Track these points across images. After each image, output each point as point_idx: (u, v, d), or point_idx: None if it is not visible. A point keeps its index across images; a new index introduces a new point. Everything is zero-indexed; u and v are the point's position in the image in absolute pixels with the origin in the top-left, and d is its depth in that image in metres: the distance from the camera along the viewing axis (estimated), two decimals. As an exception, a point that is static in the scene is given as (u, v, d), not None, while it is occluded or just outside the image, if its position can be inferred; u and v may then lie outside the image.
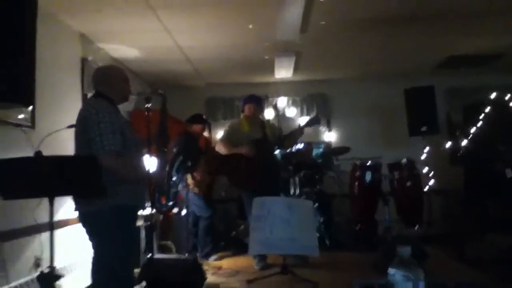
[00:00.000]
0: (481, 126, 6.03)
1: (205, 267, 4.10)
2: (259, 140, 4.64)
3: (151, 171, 2.88)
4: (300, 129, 4.75)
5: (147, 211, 2.96)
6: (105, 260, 2.63)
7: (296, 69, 6.45)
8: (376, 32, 5.09)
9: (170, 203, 2.92)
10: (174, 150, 4.60)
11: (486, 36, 5.41)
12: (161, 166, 2.88)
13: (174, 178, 2.97)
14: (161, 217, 5.00)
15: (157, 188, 2.76)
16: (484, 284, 3.91)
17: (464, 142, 6.22)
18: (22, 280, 3.38)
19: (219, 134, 7.35)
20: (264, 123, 4.84)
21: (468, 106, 6.70)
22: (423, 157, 6.39)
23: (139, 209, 2.83)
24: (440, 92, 6.77)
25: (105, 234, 2.61)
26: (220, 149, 4.83)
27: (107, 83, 2.78)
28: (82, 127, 2.65)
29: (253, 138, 4.69)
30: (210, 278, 4.11)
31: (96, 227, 2.64)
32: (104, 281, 2.63)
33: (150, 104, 3.15)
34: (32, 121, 3.72)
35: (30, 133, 3.57)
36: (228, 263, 4.99)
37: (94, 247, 2.69)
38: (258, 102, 4.96)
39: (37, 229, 3.44)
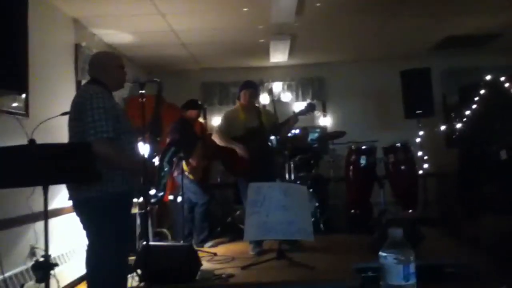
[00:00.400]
0: (476, 107, 6.03)
1: (200, 254, 4.12)
2: (254, 128, 4.62)
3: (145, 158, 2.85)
4: (295, 117, 4.71)
5: (141, 199, 2.96)
6: (100, 248, 2.63)
7: (291, 53, 6.41)
8: (372, 13, 5.04)
9: (160, 193, 2.89)
10: (168, 139, 4.58)
11: (483, 16, 5.37)
12: (152, 155, 2.84)
13: (165, 169, 2.95)
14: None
15: (147, 178, 2.73)
16: (479, 265, 3.97)
17: (459, 125, 6.22)
18: (17, 269, 3.39)
19: (215, 119, 7.36)
20: (260, 111, 4.80)
21: (463, 88, 6.69)
22: (418, 139, 6.40)
23: (134, 196, 2.82)
24: (436, 73, 6.77)
25: (100, 221, 2.61)
26: (216, 139, 4.80)
27: (102, 70, 2.77)
28: (76, 113, 2.64)
29: (249, 126, 4.67)
30: (205, 265, 4.13)
31: (91, 214, 2.64)
32: (99, 269, 2.63)
33: (144, 91, 3.12)
34: (25, 109, 3.69)
35: (24, 121, 3.55)
36: (223, 249, 5.01)
37: (89, 235, 2.68)
38: (254, 88, 4.91)
39: (31, 218, 3.42)
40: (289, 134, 5.64)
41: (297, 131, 6.10)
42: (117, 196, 2.61)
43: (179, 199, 5.06)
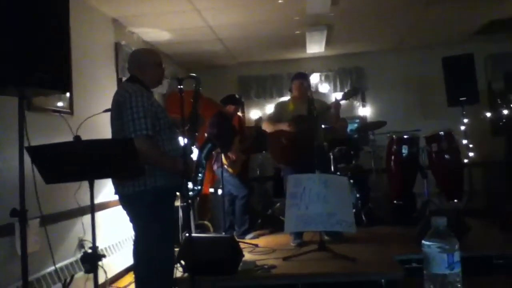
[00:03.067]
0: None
1: (241, 245, 4.15)
2: (302, 116, 4.55)
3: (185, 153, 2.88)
4: (337, 102, 4.56)
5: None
6: (145, 240, 2.70)
7: (328, 43, 6.34)
8: None
9: (198, 187, 2.91)
10: (206, 133, 4.62)
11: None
12: (190, 150, 2.87)
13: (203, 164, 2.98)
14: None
15: (186, 173, 2.75)
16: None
17: (506, 111, 5.97)
18: (67, 261, 3.54)
19: (252, 112, 7.38)
20: (312, 100, 4.70)
21: (510, 73, 6.42)
22: (462, 128, 6.20)
23: (176, 190, 2.87)
24: (480, 59, 6.53)
25: (145, 214, 2.68)
26: (265, 127, 4.82)
27: (140, 67, 2.82)
28: (116, 111, 2.70)
29: (296, 114, 4.62)
30: (247, 256, 4.16)
31: (135, 208, 2.72)
32: (145, 260, 2.71)
33: (182, 86, 3.17)
34: (70, 107, 3.84)
35: (69, 118, 3.68)
36: (265, 241, 5.03)
37: (134, 228, 2.76)
38: (304, 78, 4.81)
39: (79, 211, 3.57)
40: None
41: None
42: (160, 191, 2.67)
43: (220, 192, 5.12)
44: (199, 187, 2.98)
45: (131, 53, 3.09)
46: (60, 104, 3.70)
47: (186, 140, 2.89)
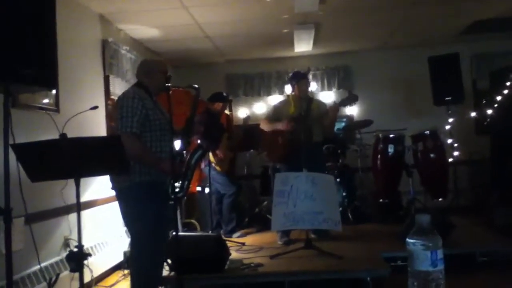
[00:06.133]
0: (508, 92, 5.85)
1: (228, 244, 4.16)
2: (298, 116, 4.55)
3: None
4: (335, 107, 4.55)
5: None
6: (135, 236, 2.83)
7: (316, 42, 6.35)
8: (397, -1, 4.95)
9: (180, 194, 2.94)
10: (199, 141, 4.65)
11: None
12: (181, 153, 2.97)
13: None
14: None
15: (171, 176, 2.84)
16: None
17: (490, 111, 6.06)
18: (52, 260, 3.51)
19: (240, 110, 7.38)
20: (312, 100, 4.69)
21: (494, 72, 6.50)
22: (448, 127, 6.27)
23: (164, 185, 2.90)
24: (465, 58, 6.63)
25: (132, 209, 2.78)
26: (263, 126, 4.84)
27: (145, 74, 3.02)
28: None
29: (294, 115, 4.61)
30: (234, 255, 4.17)
31: (124, 203, 2.83)
32: (137, 255, 2.82)
33: (170, 84, 3.17)
34: (56, 104, 3.80)
35: (55, 116, 3.64)
36: (252, 239, 5.04)
37: (125, 224, 2.83)
38: (307, 78, 4.83)
39: (65, 210, 3.54)
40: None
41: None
42: (146, 185, 2.76)
43: (207, 190, 5.11)
44: (181, 194, 3.00)
45: (141, 61, 3.32)
46: (46, 101, 3.66)
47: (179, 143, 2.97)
